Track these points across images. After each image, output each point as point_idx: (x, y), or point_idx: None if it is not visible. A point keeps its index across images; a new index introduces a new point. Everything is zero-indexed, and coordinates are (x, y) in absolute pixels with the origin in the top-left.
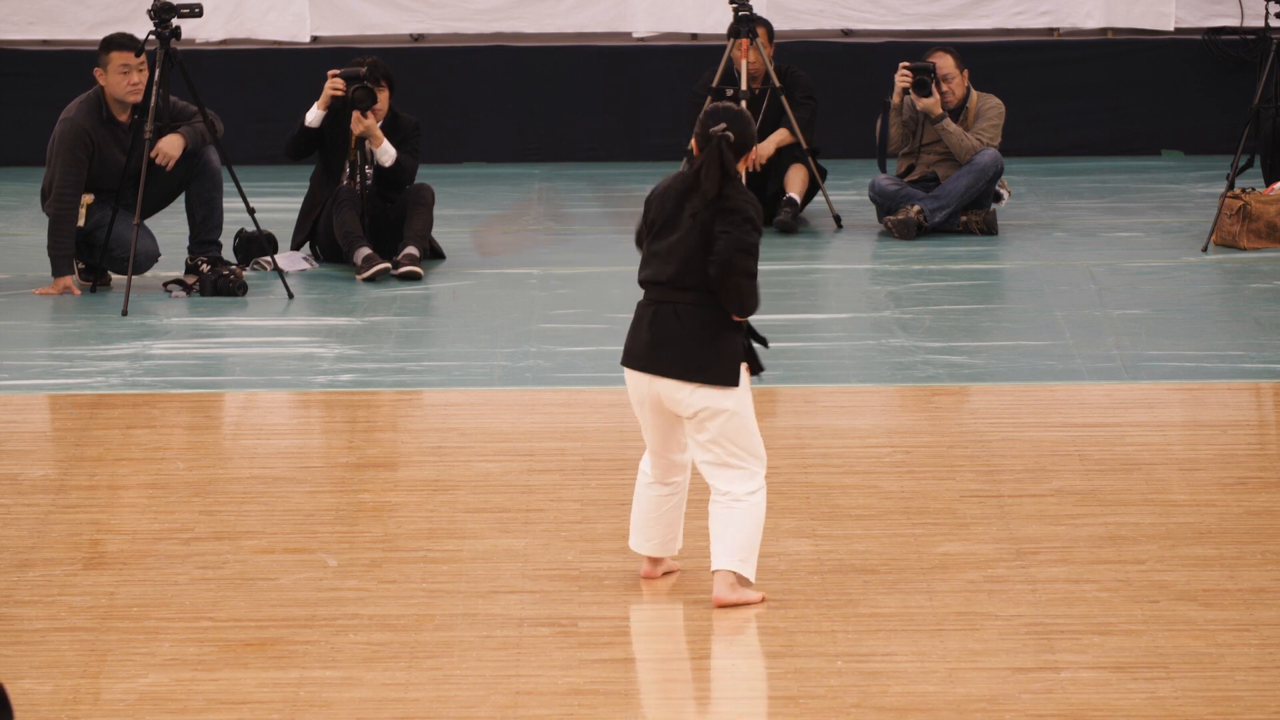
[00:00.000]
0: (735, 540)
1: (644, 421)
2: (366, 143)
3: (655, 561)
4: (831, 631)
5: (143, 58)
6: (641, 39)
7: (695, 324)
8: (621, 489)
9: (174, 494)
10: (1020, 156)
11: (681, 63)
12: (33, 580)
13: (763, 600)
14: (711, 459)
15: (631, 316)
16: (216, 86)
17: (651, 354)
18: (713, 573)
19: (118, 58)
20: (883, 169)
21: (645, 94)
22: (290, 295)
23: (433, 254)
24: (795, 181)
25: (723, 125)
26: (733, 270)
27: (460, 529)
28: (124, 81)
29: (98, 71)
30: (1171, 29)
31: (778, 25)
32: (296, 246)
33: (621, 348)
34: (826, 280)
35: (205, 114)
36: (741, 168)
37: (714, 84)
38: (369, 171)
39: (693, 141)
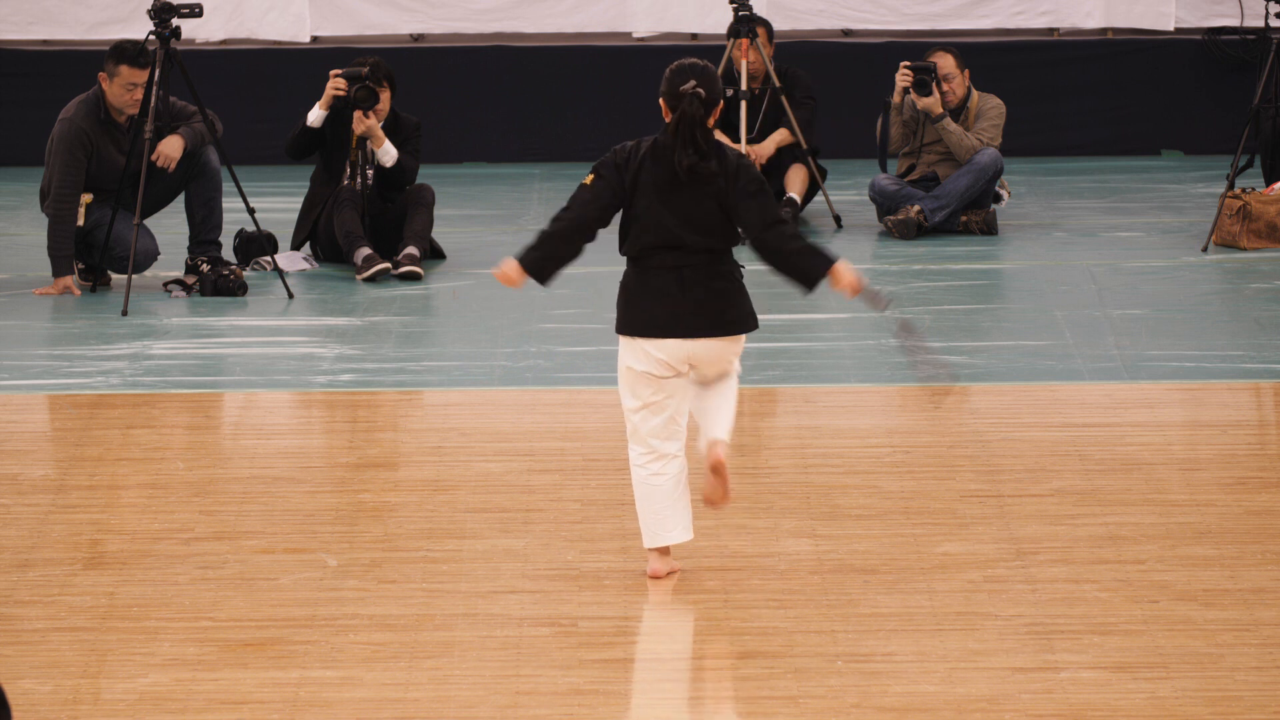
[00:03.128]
0: (730, 416)
1: (658, 388)
2: (368, 143)
3: (664, 556)
4: (831, 631)
5: (147, 71)
6: (641, 39)
7: (724, 280)
8: (621, 489)
9: (174, 494)
10: (1020, 156)
11: None
12: (33, 580)
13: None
14: (719, 382)
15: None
16: (216, 86)
17: (697, 317)
18: (711, 441)
19: (127, 74)
20: (883, 169)
21: (645, 94)
22: (290, 295)
23: (433, 254)
24: (795, 181)
25: (693, 83)
26: (777, 237)
27: (460, 529)
28: (127, 96)
29: (102, 76)
30: (1171, 29)
31: (778, 25)
32: (296, 246)
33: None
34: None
35: (205, 114)
36: (710, 123)
37: None
38: (370, 172)
39: (660, 100)
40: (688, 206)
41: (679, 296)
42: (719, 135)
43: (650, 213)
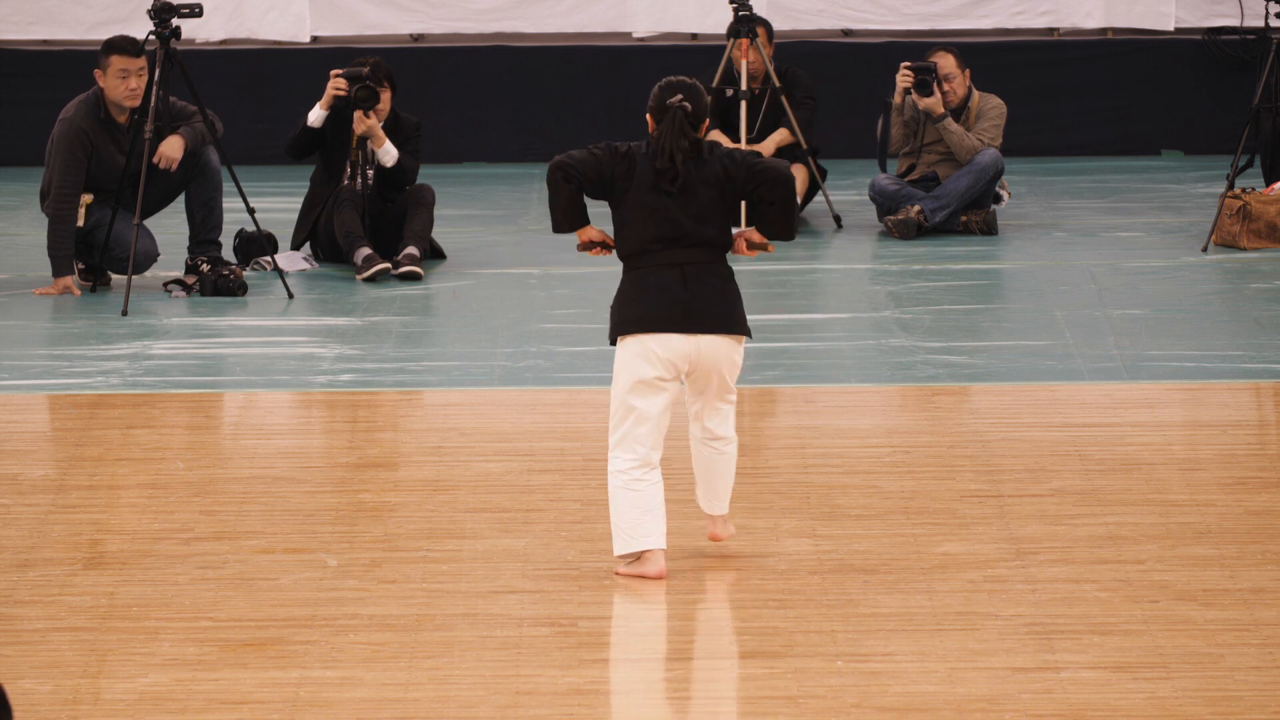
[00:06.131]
0: (729, 485)
1: (658, 389)
2: (368, 143)
3: (650, 557)
4: (831, 631)
5: (142, 61)
6: (641, 39)
7: (723, 280)
8: None
9: (174, 494)
10: (1020, 156)
11: (681, 63)
12: (33, 580)
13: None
14: (726, 405)
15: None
16: (216, 86)
17: (699, 314)
18: (712, 519)
19: (117, 62)
20: (883, 169)
21: (645, 94)
22: (290, 295)
23: (433, 254)
24: (795, 181)
25: (679, 96)
26: (791, 200)
27: (460, 529)
28: (122, 86)
29: (97, 73)
30: (1171, 29)
31: (778, 25)
32: (296, 246)
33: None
34: (826, 280)
35: (205, 114)
36: (701, 132)
37: (714, 84)
38: (370, 172)
39: (648, 115)
40: (684, 196)
41: (683, 292)
42: (719, 136)
43: (645, 207)
